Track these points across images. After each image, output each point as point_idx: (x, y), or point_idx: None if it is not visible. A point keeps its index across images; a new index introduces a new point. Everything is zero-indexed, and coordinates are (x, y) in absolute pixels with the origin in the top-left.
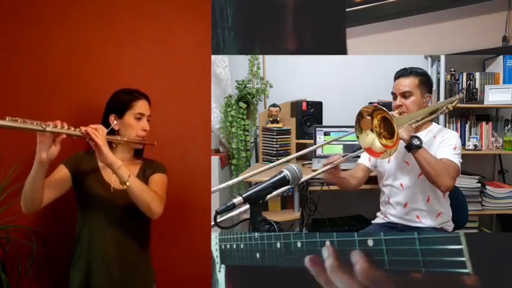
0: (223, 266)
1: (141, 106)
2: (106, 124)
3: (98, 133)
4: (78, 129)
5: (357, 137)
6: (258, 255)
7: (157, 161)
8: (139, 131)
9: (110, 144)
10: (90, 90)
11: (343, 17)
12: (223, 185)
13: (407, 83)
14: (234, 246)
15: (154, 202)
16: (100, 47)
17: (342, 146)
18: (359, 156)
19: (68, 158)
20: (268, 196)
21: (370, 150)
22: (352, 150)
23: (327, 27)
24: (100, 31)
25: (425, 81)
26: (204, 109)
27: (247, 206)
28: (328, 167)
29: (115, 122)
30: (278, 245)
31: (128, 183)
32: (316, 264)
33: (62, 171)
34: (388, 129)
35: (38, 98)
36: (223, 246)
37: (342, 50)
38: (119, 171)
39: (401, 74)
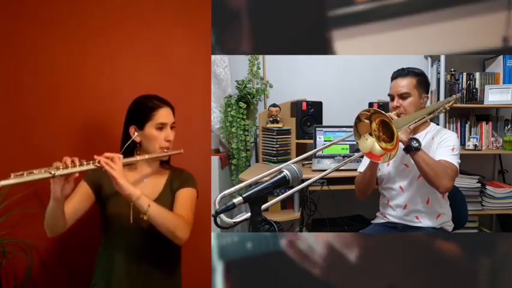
0: (220, 262)
1: (162, 115)
2: (127, 136)
3: (113, 163)
4: (91, 162)
5: (356, 142)
6: (249, 245)
7: (186, 170)
8: (163, 142)
9: (133, 155)
10: (90, 93)
11: (323, 18)
12: (231, 189)
13: (405, 84)
14: (229, 240)
15: (179, 228)
16: (100, 46)
17: (348, 146)
18: (362, 156)
19: (89, 174)
20: (271, 202)
21: (370, 154)
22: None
23: (306, 28)
24: (100, 30)
25: (422, 82)
26: (204, 109)
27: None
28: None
29: (135, 133)
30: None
31: (147, 214)
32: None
33: (84, 189)
34: (387, 132)
35: (38, 111)
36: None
37: (324, 50)
38: (138, 202)
39: (399, 74)
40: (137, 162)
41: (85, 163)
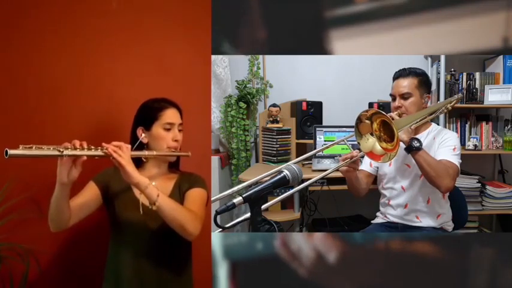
0: (221, 262)
1: (169, 115)
2: (135, 138)
3: (121, 151)
4: (99, 148)
5: (358, 142)
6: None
7: (195, 173)
8: (170, 142)
9: (140, 159)
10: (90, 95)
11: (323, 18)
12: (228, 191)
13: (407, 84)
14: (229, 240)
15: (189, 222)
16: (100, 46)
17: (350, 145)
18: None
19: (98, 174)
20: (271, 202)
21: (371, 154)
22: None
23: (306, 28)
24: (100, 30)
25: (424, 82)
26: (204, 109)
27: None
28: (348, 161)
29: (143, 135)
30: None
31: (157, 204)
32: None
33: (91, 189)
34: (388, 132)
35: (34, 118)
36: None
37: (324, 50)
38: (147, 191)
39: (400, 74)
40: (146, 162)
41: (93, 148)
